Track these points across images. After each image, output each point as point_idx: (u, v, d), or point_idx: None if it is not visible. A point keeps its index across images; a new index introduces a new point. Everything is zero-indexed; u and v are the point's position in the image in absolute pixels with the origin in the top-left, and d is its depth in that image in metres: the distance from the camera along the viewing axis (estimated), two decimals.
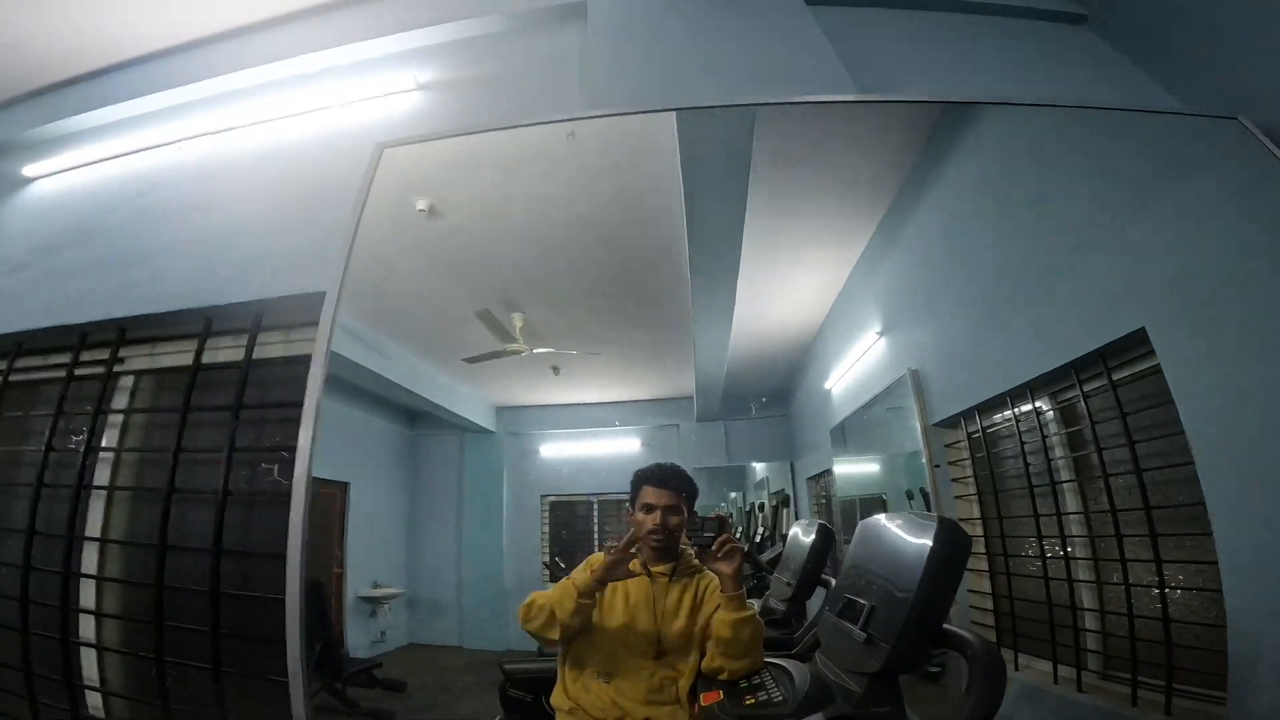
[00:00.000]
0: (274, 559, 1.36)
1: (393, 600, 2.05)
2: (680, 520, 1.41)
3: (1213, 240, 1.42)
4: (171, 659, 1.64)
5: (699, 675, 1.32)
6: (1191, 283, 1.40)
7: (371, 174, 1.72)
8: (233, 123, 2.40)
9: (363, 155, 1.75)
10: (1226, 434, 1.29)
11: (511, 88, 2.20)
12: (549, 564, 2.29)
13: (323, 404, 1.44)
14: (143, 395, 2.04)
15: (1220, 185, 1.50)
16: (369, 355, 2.16)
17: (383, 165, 1.75)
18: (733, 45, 2.09)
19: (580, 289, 2.33)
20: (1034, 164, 1.80)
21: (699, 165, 1.85)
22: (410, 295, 2.30)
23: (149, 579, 1.68)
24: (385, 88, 2.27)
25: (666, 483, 1.43)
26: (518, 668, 1.61)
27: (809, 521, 2.04)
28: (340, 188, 1.76)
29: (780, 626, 1.66)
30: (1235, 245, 1.40)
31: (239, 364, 1.78)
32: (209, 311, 1.89)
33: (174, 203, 2.26)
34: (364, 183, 1.70)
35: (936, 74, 2.02)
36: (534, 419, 2.50)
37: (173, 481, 1.73)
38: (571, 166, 2.00)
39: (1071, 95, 1.76)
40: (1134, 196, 1.56)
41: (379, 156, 1.75)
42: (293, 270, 1.84)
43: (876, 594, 1.09)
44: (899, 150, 1.93)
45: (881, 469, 2.13)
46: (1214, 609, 1.25)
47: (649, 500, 1.42)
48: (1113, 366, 1.46)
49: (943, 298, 1.93)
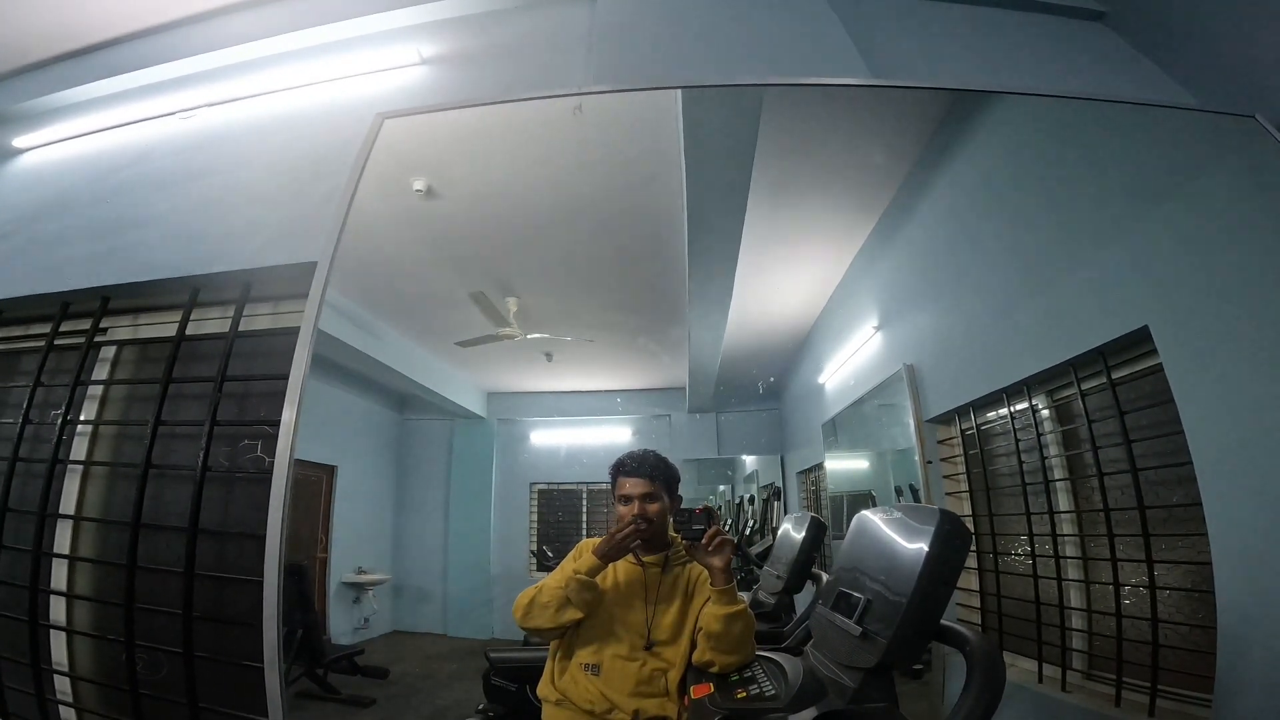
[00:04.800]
0: (253, 540, 1.33)
1: (377, 586, 2.04)
2: (660, 506, 1.38)
3: (1224, 239, 1.41)
4: (143, 643, 1.59)
5: (689, 667, 1.30)
6: (1199, 282, 1.40)
7: (370, 144, 1.68)
8: (232, 95, 2.35)
9: (362, 126, 1.71)
10: (1227, 436, 1.29)
11: (517, 62, 2.15)
12: (535, 552, 2.27)
13: (308, 382, 1.40)
14: (125, 367, 1.98)
15: (1234, 183, 1.50)
16: (360, 336, 2.14)
17: (382, 142, 1.71)
18: (744, 24, 2.06)
19: (577, 275, 2.31)
20: (1042, 159, 1.79)
21: (703, 149, 1.82)
22: (404, 276, 2.26)
23: (123, 558, 1.63)
24: (388, 61, 2.22)
25: (639, 471, 1.40)
26: (503, 656, 1.60)
27: (800, 515, 2.04)
28: (338, 158, 1.72)
29: (770, 620, 1.66)
30: (1247, 244, 1.39)
31: (224, 335, 1.73)
32: (195, 281, 1.83)
33: (166, 172, 2.20)
34: (361, 152, 1.66)
35: (948, 63, 2.00)
36: (525, 405, 2.48)
37: (149, 456, 1.68)
38: (575, 145, 1.96)
39: (1086, 90, 1.75)
40: (1145, 193, 1.56)
41: (379, 127, 1.72)
42: (284, 240, 1.79)
43: (873, 588, 1.07)
44: (906, 141, 1.91)
45: (872, 465, 2.13)
46: (1203, 611, 1.25)
47: (625, 491, 1.39)
48: (1113, 365, 1.45)
49: (943, 292, 1.93)
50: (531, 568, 2.25)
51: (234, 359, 1.71)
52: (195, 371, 1.80)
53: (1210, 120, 1.64)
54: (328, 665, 1.74)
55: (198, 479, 1.60)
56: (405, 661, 1.94)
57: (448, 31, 2.25)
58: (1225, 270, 1.38)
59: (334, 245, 1.52)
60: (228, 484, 1.69)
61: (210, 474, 1.64)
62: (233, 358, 1.70)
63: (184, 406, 1.78)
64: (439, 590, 2.15)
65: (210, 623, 1.55)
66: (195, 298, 1.81)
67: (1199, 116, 1.66)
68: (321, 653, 1.74)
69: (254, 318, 1.78)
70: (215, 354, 1.71)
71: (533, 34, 2.20)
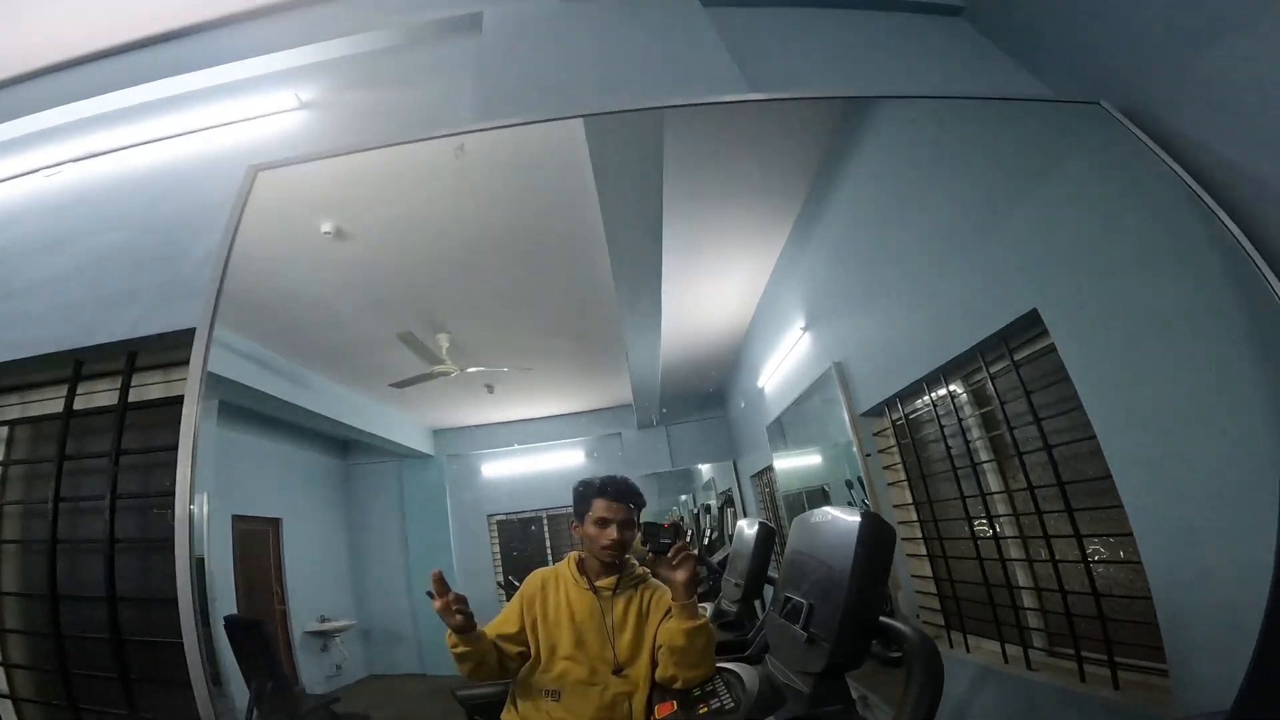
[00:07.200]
0: None
1: (343, 633, 1.99)
2: (633, 534, 1.40)
3: (1087, 220, 1.50)
4: (87, 706, 1.57)
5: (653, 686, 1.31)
6: (1074, 263, 1.47)
7: (245, 198, 1.61)
8: (99, 148, 2.23)
9: (238, 178, 1.65)
10: (1123, 406, 1.35)
11: (401, 103, 2.12)
12: (503, 584, 2.24)
13: (213, 439, 1.38)
14: (20, 446, 1.90)
15: (1089, 168, 1.59)
16: (289, 388, 2.08)
17: (277, 191, 1.66)
18: (632, 50, 2.09)
19: (506, 305, 2.29)
20: (925, 157, 1.86)
21: (611, 172, 1.84)
22: (327, 322, 2.20)
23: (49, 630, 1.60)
24: (266, 108, 2.15)
25: (622, 497, 1.41)
26: (471, 694, 1.57)
27: (750, 521, 2.07)
28: (215, 214, 1.65)
29: (734, 629, 1.67)
30: (1107, 224, 1.48)
31: (115, 408, 1.66)
32: (78, 354, 1.76)
33: (33, 238, 2.08)
34: (235, 207, 1.60)
35: (824, 72, 2.08)
36: (473, 439, 2.45)
37: (54, 532, 1.63)
38: (470, 181, 1.95)
39: (952, 88, 1.84)
40: (1015, 183, 1.63)
41: (253, 179, 1.65)
42: (162, 306, 1.74)
43: (814, 592, 1.10)
44: (804, 149, 1.97)
45: (821, 461, 2.18)
46: (1139, 581, 1.28)
47: (603, 515, 1.39)
48: (1014, 347, 1.51)
49: (858, 290, 1.99)
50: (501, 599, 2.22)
51: (131, 431, 1.65)
52: (94, 445, 1.73)
53: (1063, 109, 1.72)
54: (305, 716, 1.72)
55: (107, 551, 1.57)
56: (386, 706, 1.90)
57: (328, 73, 2.20)
58: (1097, 250, 1.45)
59: (212, 309, 1.46)
60: (145, 553, 1.64)
61: (124, 544, 1.60)
62: (129, 429, 1.65)
63: (88, 481, 1.72)
64: (410, 631, 2.08)
65: (150, 685, 1.52)
66: (79, 371, 1.74)
67: (1053, 106, 1.75)
68: (295, 704, 1.71)
69: (146, 387, 1.72)
70: (108, 428, 1.66)
71: (418, 72, 2.17)
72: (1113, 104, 1.65)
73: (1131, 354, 1.37)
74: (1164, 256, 1.42)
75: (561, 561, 1.47)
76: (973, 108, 1.78)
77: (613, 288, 2.14)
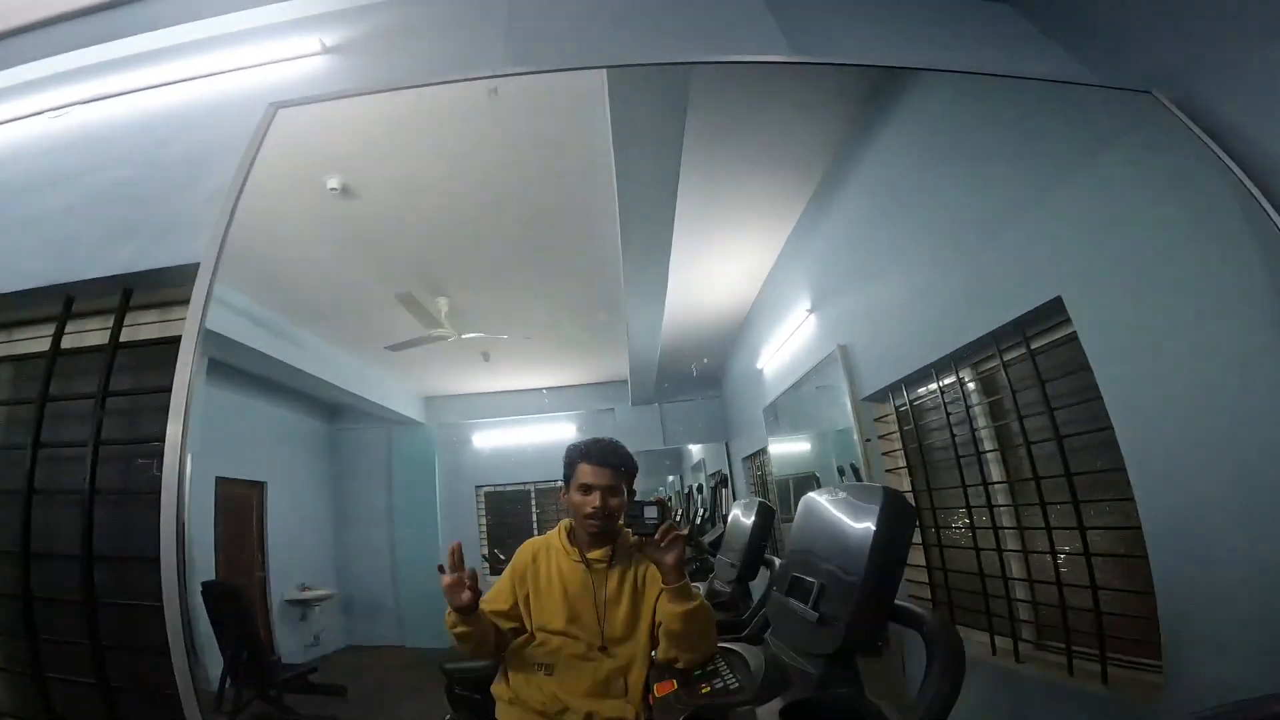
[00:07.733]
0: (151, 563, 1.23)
1: (323, 602, 1.97)
2: (620, 502, 1.31)
3: (1127, 209, 1.46)
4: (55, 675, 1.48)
5: (652, 665, 1.27)
6: (1106, 251, 1.44)
7: (262, 135, 1.54)
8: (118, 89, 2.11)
9: (254, 119, 1.57)
10: (1144, 399, 1.33)
11: (428, 48, 2.03)
12: (488, 556, 2.22)
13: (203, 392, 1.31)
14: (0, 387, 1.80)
15: (1134, 156, 1.56)
16: (280, 345, 2.03)
17: (287, 139, 1.58)
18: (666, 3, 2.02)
19: (508, 270, 2.24)
20: (957, 137, 1.83)
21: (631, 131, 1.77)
22: (325, 280, 2.14)
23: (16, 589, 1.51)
24: (287, 52, 2.04)
25: (606, 460, 1.33)
26: (458, 667, 1.55)
27: (748, 501, 2.06)
28: (227, 154, 1.57)
29: (727, 609, 1.66)
30: (1148, 214, 1.45)
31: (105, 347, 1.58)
32: (70, 288, 1.67)
33: (37, 173, 1.98)
34: (252, 145, 1.52)
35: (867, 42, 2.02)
36: (465, 407, 2.42)
37: (31, 481, 1.54)
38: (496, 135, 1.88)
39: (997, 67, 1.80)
40: (1053, 167, 1.59)
41: (272, 117, 1.58)
42: (165, 240, 1.65)
43: (825, 572, 1.07)
44: (831, 121, 1.93)
45: (814, 446, 2.18)
46: (1141, 576, 1.24)
47: (587, 480, 1.32)
48: (1031, 335, 1.49)
49: (871, 271, 1.96)
50: (485, 572, 2.20)
51: (119, 372, 1.57)
52: (79, 387, 1.63)
53: (1111, 96, 1.69)
54: (280, 686, 1.68)
55: (86, 502, 1.48)
56: (364, 676, 1.86)
57: (353, 18, 2.10)
58: (1132, 239, 1.43)
59: (219, 244, 1.39)
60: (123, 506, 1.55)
61: (104, 497, 1.51)
62: (118, 371, 1.56)
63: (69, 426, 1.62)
64: (391, 601, 2.09)
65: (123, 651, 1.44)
66: (70, 307, 1.65)
67: (1101, 93, 1.71)
68: (270, 673, 1.67)
69: (139, 326, 1.63)
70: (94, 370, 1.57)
71: (446, 17, 2.09)
72: (1165, 94, 1.61)
73: (1157, 347, 1.36)
74: (1202, 251, 1.39)
75: (552, 531, 1.40)
76: (1012, 89, 1.74)
77: (618, 262, 2.10)
